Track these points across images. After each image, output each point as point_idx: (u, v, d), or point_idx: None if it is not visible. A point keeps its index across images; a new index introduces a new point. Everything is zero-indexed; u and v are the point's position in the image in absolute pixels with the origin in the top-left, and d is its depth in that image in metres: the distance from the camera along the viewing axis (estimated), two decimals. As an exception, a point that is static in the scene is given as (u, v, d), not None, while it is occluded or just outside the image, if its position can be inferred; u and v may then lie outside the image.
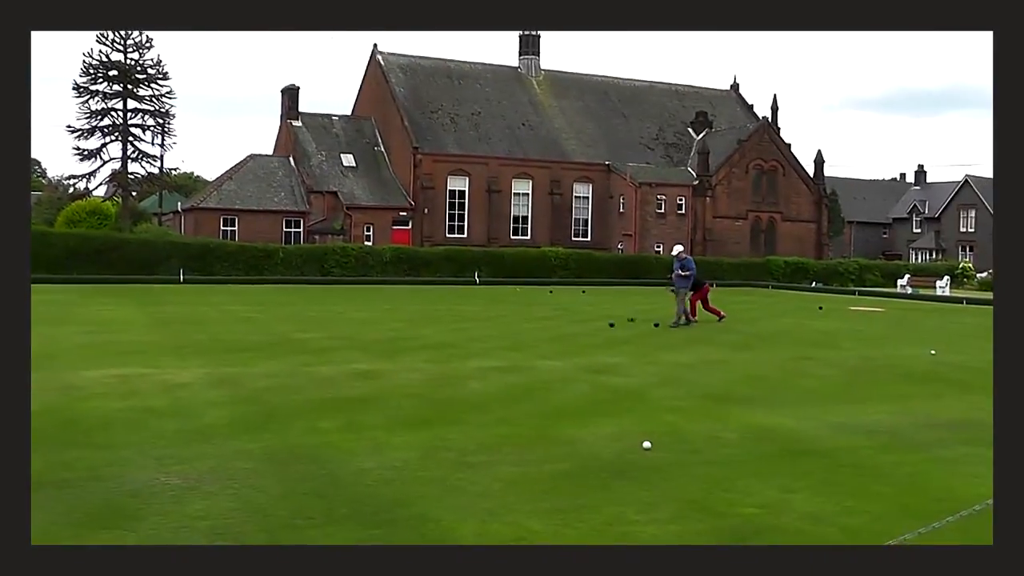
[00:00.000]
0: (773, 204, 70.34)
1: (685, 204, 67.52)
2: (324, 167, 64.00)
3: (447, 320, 23.31)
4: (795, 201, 71.01)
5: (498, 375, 13.20)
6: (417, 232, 63.44)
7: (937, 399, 12.25)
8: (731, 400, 11.60)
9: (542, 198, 67.86)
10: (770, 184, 70.20)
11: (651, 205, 66.58)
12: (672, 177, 68.57)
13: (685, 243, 66.12)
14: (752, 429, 9.68)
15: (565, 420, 9.85)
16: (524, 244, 63.39)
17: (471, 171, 65.66)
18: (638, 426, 9.64)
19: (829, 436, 9.49)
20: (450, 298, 34.63)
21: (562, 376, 13.29)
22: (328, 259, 48.32)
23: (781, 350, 17.99)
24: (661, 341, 19.03)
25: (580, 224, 69.69)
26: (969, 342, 21.00)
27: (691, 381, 13.23)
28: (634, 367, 14.61)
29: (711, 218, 67.77)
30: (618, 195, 68.54)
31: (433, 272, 50.35)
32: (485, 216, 66.04)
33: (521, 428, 9.35)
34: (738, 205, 69.00)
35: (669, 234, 67.00)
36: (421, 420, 9.66)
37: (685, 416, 10.34)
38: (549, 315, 26.10)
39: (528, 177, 67.70)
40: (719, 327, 22.94)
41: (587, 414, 10.26)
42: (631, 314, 27.24)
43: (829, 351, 18.05)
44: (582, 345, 17.80)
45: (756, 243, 69.98)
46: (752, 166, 69.37)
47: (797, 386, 13.09)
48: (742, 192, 69.10)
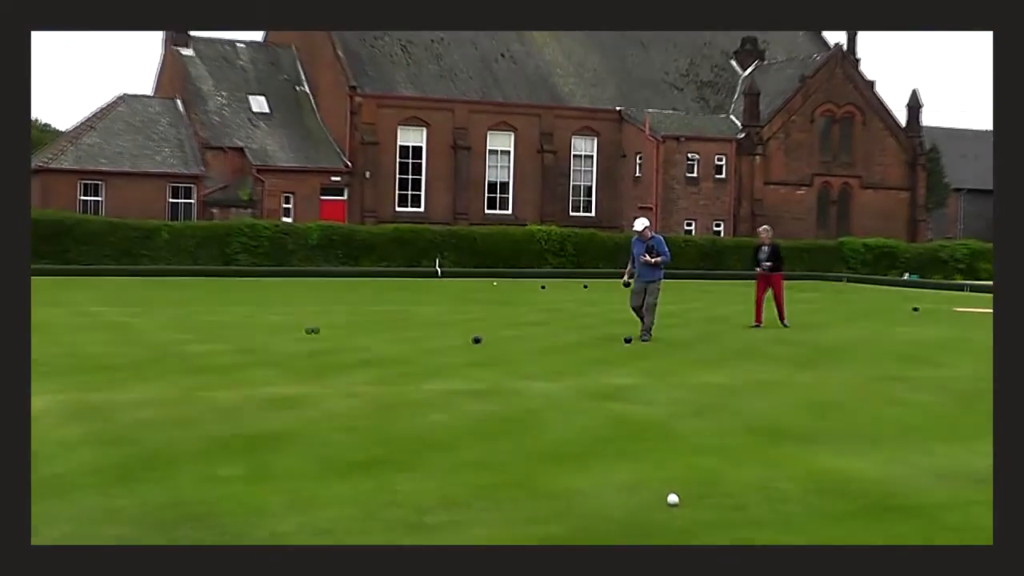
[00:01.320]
0: (849, 165, 70.78)
1: (726, 165, 67.87)
2: (226, 113, 63.86)
3: (398, 326, 23.27)
4: (880, 161, 71.49)
5: (468, 402, 13.18)
6: (356, 205, 63.43)
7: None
8: (789, 436, 11.62)
9: (528, 158, 68.01)
10: (845, 137, 70.60)
11: (679, 167, 66.89)
12: (708, 128, 68.87)
13: (727, 218, 66.60)
14: (818, 477, 9.69)
15: (560, 465, 9.84)
16: (504, 221, 63.55)
17: (430, 120, 65.71)
18: (660, 473, 9.63)
19: (927, 487, 9.51)
20: (402, 295, 34.63)
21: (556, 403, 13.29)
22: (232, 241, 48.27)
23: (859, 368, 18.08)
24: (692, 355, 19.08)
25: (581, 194, 69.94)
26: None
27: (734, 410, 13.23)
28: (655, 390, 14.63)
29: (762, 185, 68.18)
30: (633, 153, 68.77)
31: (378, 260, 50.39)
32: (450, 183, 66.12)
33: (500, 475, 9.33)
34: (800, 167, 69.38)
35: (703, 207, 67.40)
36: (361, 464, 9.63)
37: (726, 459, 10.34)
38: (539, 319, 26.11)
39: (509, 129, 67.85)
40: (774, 335, 23.01)
41: (590, 456, 10.25)
42: (659, 318, 27.33)
43: (927, 369, 18.12)
44: (584, 360, 17.81)
45: (824, 219, 70.44)
46: (820, 112, 69.74)
47: (881, 417, 13.12)
48: (805, 149, 69.48)
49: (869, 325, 27.00)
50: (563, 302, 32.88)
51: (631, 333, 21.74)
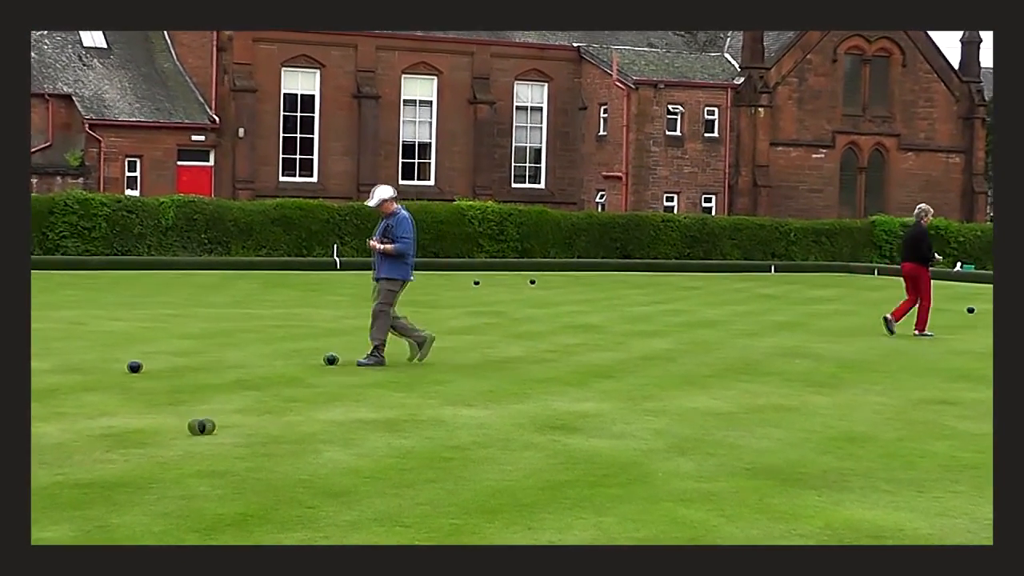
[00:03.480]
0: (884, 120, 71.42)
1: (719, 120, 68.27)
2: (46, 48, 63.37)
3: (282, 335, 23.16)
4: (925, 115, 72.17)
5: (376, 435, 13.17)
6: (226, 174, 63.15)
7: None
8: (803, 480, 11.66)
9: (457, 110, 68.03)
10: (878, 84, 71.19)
11: (657, 123, 67.18)
12: (695, 71, 69.17)
13: (720, 190, 67.00)
14: (842, 532, 9.72)
15: (498, 519, 9.80)
16: (424, 195, 63.53)
17: (325, 60, 65.57)
18: (632, 528, 9.62)
19: (986, 544, 9.57)
20: (288, 294, 34.50)
21: (493, 437, 13.27)
22: (56, 221, 47.87)
23: (896, 388, 18.22)
24: (673, 373, 19.13)
25: (527, 159, 70.10)
26: None
27: (730, 445, 13.26)
28: (625, 419, 14.63)
29: (767, 146, 68.64)
30: (596, 104, 69.01)
31: (256, 247, 50.23)
32: (352, 144, 66.00)
33: (417, 534, 9.29)
34: (817, 122, 69.91)
35: (689, 176, 67.74)
36: (231, 521, 9.55)
37: (719, 509, 10.36)
38: (470, 325, 26.10)
39: (431, 71, 67.86)
40: (781, 345, 23.12)
41: (539, 508, 10.23)
42: (630, 323, 27.37)
43: (984, 389, 18.21)
44: (530, 380, 17.82)
45: (850, 192, 71.00)
46: (845, 50, 70.25)
47: (929, 454, 13.19)
48: (826, 98, 70.00)
49: (907, 331, 27.20)
50: (503, 302, 32.88)
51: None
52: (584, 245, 54.52)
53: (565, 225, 54.86)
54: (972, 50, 73.25)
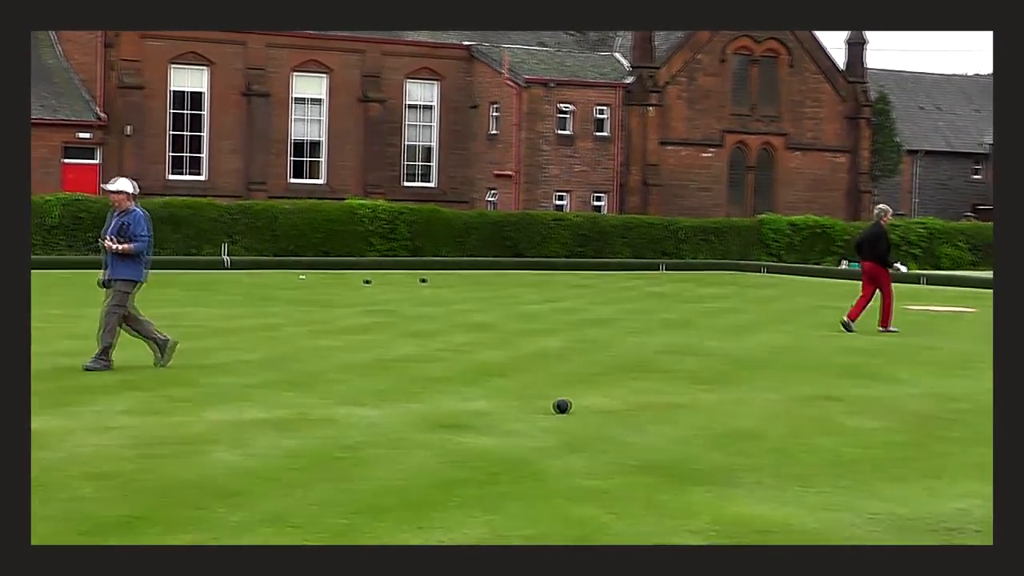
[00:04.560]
0: (771, 120, 72.06)
1: (610, 119, 68.55)
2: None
3: (170, 334, 22.97)
4: (812, 114, 72.87)
5: (266, 436, 13.11)
6: (113, 171, 62.46)
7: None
8: (692, 476, 11.72)
9: (347, 109, 67.83)
10: (766, 84, 71.83)
11: (548, 121, 67.34)
12: (586, 70, 69.41)
13: (611, 189, 67.24)
14: (730, 528, 9.79)
15: (389, 519, 9.79)
16: (315, 194, 63.32)
17: (215, 57, 65.13)
18: (523, 526, 9.63)
19: (873, 540, 9.67)
20: (176, 294, 34.20)
21: (384, 436, 13.26)
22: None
23: (783, 385, 18.40)
24: (564, 371, 19.18)
25: (418, 157, 70.03)
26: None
27: (620, 442, 13.31)
28: (516, 418, 14.65)
29: (657, 145, 69.03)
30: (487, 103, 69.03)
31: (142, 246, 49.67)
32: (242, 142, 65.62)
33: (308, 534, 9.25)
34: (707, 121, 70.43)
35: (580, 175, 67.94)
36: (117, 524, 9.46)
37: (609, 506, 10.39)
38: (361, 324, 26.02)
39: (321, 69, 67.60)
40: (669, 343, 23.25)
41: (429, 507, 10.22)
42: (521, 322, 27.38)
43: (872, 386, 18.49)
44: (421, 379, 17.81)
45: (739, 191, 71.57)
46: (734, 50, 70.79)
47: (815, 449, 13.32)
48: (715, 98, 70.54)
49: (797, 329, 27.43)
50: (395, 301, 32.81)
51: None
52: (475, 244, 54.51)
53: (457, 224, 54.83)
54: (857, 51, 74.07)
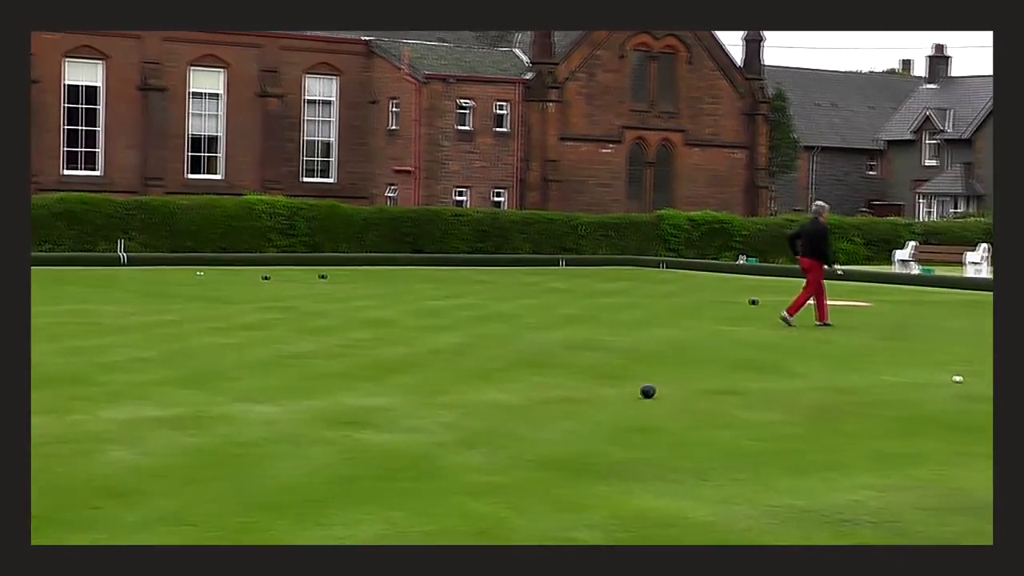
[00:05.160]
0: (670, 116, 72.43)
1: (510, 115, 68.64)
2: None
3: (65, 332, 22.73)
4: (710, 111, 73.36)
5: (162, 433, 13.02)
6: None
7: (964, 463, 12.75)
8: (592, 471, 11.76)
9: (245, 104, 67.47)
10: (665, 80, 72.20)
11: (447, 117, 67.33)
12: (486, 65, 69.46)
13: (511, 184, 67.32)
14: (630, 522, 9.84)
15: (287, 515, 9.76)
16: (213, 189, 62.92)
17: (110, 51, 64.58)
18: (422, 522, 9.63)
19: (770, 531, 9.76)
20: (71, 291, 33.87)
21: (282, 433, 13.22)
22: None
23: (682, 379, 18.48)
24: (463, 366, 19.17)
25: (317, 153, 69.81)
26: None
27: (520, 437, 13.33)
28: (415, 414, 14.65)
29: (556, 141, 69.20)
30: (387, 99, 68.91)
31: (38, 242, 49.15)
32: (138, 137, 65.10)
33: (205, 532, 9.20)
34: (606, 117, 70.68)
35: (480, 170, 67.98)
36: (10, 523, 9.37)
37: (509, 501, 10.42)
38: (260, 321, 25.90)
39: (219, 64, 67.21)
40: (571, 338, 23.31)
41: (328, 503, 10.20)
42: (421, 317, 27.34)
43: (770, 380, 18.66)
44: (320, 375, 17.77)
45: (638, 186, 71.90)
46: (632, 46, 71.08)
47: (712, 443, 13.41)
48: (614, 94, 70.81)
49: (695, 323, 27.58)
50: (293, 298, 32.68)
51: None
52: (375, 239, 54.35)
53: (356, 219, 54.65)
54: (754, 48, 74.62)
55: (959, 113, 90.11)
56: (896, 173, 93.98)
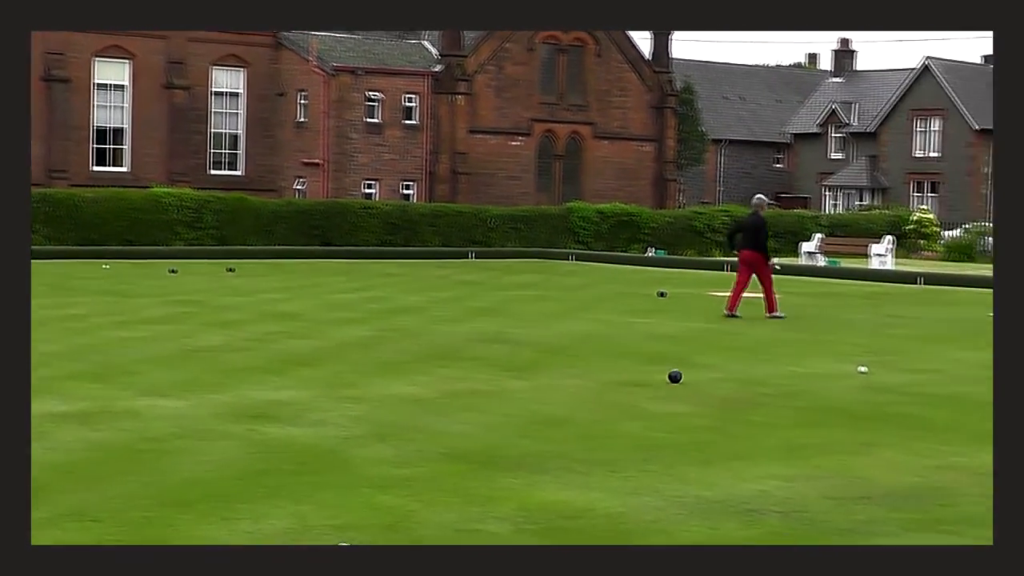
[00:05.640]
0: (579, 108, 72.58)
1: (419, 108, 68.56)
2: None
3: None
4: (619, 104, 73.60)
5: (66, 428, 12.93)
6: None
7: (870, 452, 12.92)
8: (500, 463, 11.80)
9: (152, 96, 66.96)
10: (574, 73, 72.39)
11: (356, 110, 67.16)
12: (395, 58, 69.35)
13: (420, 177, 67.26)
14: (537, 514, 9.86)
15: (194, 511, 9.70)
16: (118, 182, 62.38)
17: (13, 41, 63.71)
18: (330, 516, 9.62)
19: (678, 522, 9.81)
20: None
21: (189, 427, 13.16)
22: None
23: (591, 372, 18.56)
24: (372, 360, 19.16)
25: (224, 145, 69.42)
26: (931, 350, 22.51)
27: (428, 431, 13.34)
28: (323, 407, 14.63)
29: (466, 133, 69.19)
30: (295, 91, 68.64)
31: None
32: (41, 128, 64.35)
33: (110, 528, 9.13)
34: (515, 110, 70.75)
35: (389, 163, 67.90)
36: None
37: (417, 495, 10.41)
38: (166, 315, 25.73)
39: (124, 55, 66.65)
40: (480, 331, 23.33)
41: (235, 497, 10.15)
42: (330, 311, 27.26)
43: (679, 371, 18.74)
44: (227, 369, 17.70)
45: (547, 179, 72.05)
46: (541, 39, 71.18)
47: (620, 435, 13.48)
48: (523, 87, 70.88)
49: (604, 316, 27.67)
50: (201, 291, 32.48)
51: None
52: (283, 232, 54.09)
53: (264, 212, 54.39)
54: (662, 41, 74.88)
55: (864, 107, 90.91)
56: (802, 166, 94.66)
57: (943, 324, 28.02)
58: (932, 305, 33.92)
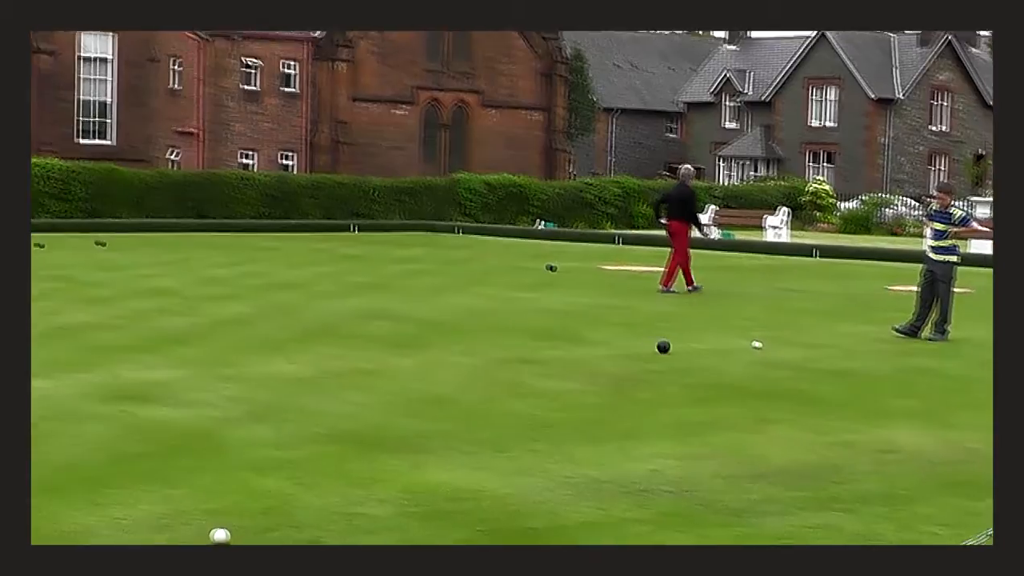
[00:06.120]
0: (466, 76, 72.50)
1: (299, 75, 68.22)
2: None
3: None
4: (507, 71, 73.60)
5: (-74, 412, 12.70)
6: None
7: (763, 429, 13.06)
8: (383, 444, 11.81)
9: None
10: (460, 39, 72.24)
11: (233, 77, 66.69)
12: (274, 22, 68.79)
13: (300, 147, 66.97)
14: (422, 496, 9.87)
15: (63, 496, 9.62)
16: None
17: None
18: (206, 500, 9.58)
19: (567, 503, 9.85)
20: None
21: (57, 409, 13.05)
22: None
23: (477, 348, 18.58)
24: (250, 337, 19.07)
25: (93, 113, 68.73)
26: (826, 324, 22.77)
27: (308, 411, 13.33)
28: (199, 387, 14.57)
29: (347, 101, 68.94)
30: (168, 57, 68.02)
31: None
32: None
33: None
34: (399, 78, 70.58)
35: (268, 132, 67.52)
36: None
37: (297, 477, 10.40)
38: (33, 291, 25.41)
39: (-13, 18, 65.56)
40: (365, 307, 23.29)
41: (106, 482, 10.07)
42: (206, 286, 27.08)
43: (567, 348, 18.84)
44: (96, 347, 17.54)
45: (432, 149, 72.03)
46: (424, 4, 70.86)
47: (507, 413, 13.53)
48: (407, 53, 70.71)
49: (491, 291, 27.70)
50: (69, 266, 32.15)
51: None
52: (157, 205, 53.57)
53: (136, 184, 53.85)
54: (553, 6, 74.93)
55: (759, 75, 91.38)
56: (696, 136, 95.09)
57: (838, 298, 28.35)
58: (827, 278, 34.30)
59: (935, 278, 20.69)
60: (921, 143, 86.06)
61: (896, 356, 18.80)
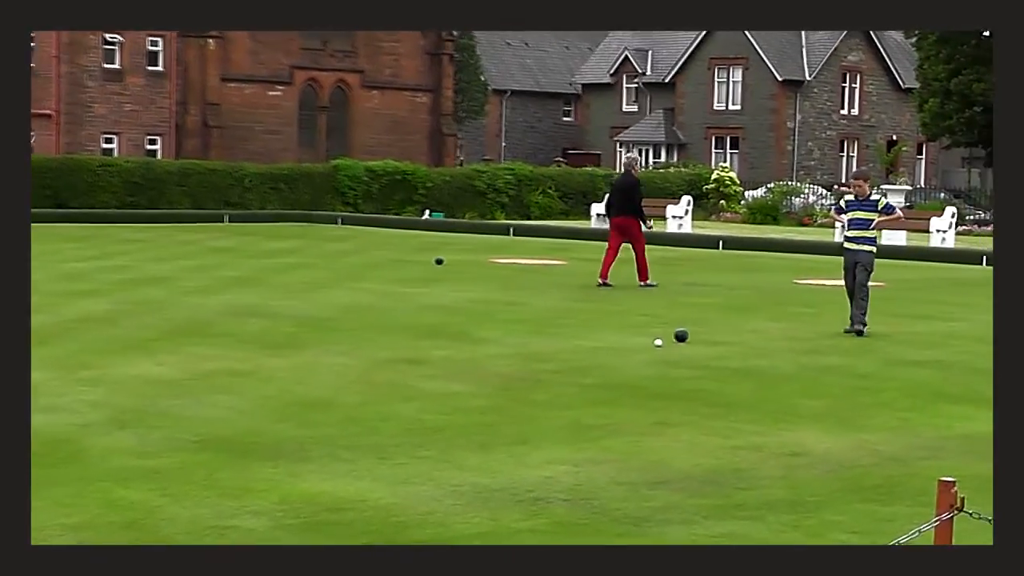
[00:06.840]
0: (346, 55, 72.24)
1: (165, 53, 67.69)
2: None
3: None
4: (390, 50, 73.45)
5: None
6: None
7: (665, 432, 13.13)
8: (257, 451, 11.80)
9: None
10: (337, 14, 71.80)
11: (92, 55, 66.08)
12: None
13: (167, 130, 66.51)
14: (299, 507, 9.86)
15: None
16: None
17: None
18: (62, 514, 9.55)
19: (456, 513, 9.87)
20: None
21: (-99, 416, 12.84)
22: None
23: (360, 347, 18.56)
24: (112, 336, 18.94)
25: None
26: (731, 320, 23.03)
27: (176, 416, 13.29)
28: (56, 390, 14.49)
29: (218, 82, 68.46)
30: (24, 32, 67.11)
31: None
32: None
33: None
34: (274, 56, 70.25)
35: (131, 115, 66.93)
36: None
37: (163, 487, 10.35)
38: None
39: None
40: (234, 304, 23.19)
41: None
42: (63, 282, 26.85)
43: (455, 346, 18.85)
44: (-53, 349, 17.27)
45: (310, 133, 71.71)
46: (301, -23, 70.61)
47: (390, 417, 13.53)
48: (281, 31, 70.23)
49: (374, 285, 27.64)
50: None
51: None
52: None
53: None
54: (440, -19, 74.97)
55: (660, 55, 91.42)
56: (593, 119, 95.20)
57: (744, 292, 28.54)
58: (733, 271, 34.56)
59: (863, 269, 20.80)
60: (831, 127, 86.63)
61: (805, 354, 18.96)
